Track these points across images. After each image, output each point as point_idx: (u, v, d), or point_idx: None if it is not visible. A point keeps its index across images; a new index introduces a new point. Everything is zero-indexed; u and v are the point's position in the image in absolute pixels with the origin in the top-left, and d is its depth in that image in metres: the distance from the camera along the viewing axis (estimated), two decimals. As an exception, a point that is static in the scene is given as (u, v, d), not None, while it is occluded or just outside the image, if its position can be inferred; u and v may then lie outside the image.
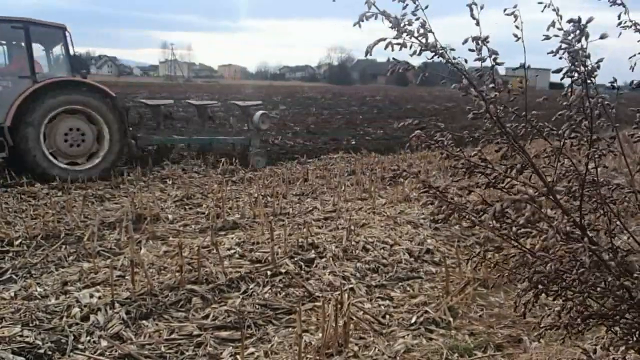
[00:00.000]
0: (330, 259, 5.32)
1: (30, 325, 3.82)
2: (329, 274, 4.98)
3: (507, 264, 2.00)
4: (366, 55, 1.72)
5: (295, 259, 5.29)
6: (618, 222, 1.84)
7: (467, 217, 1.81)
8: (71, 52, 9.83)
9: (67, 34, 9.63)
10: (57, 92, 9.07)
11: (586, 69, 1.62)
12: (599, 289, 1.82)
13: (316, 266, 5.19)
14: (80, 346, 3.65)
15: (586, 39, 1.61)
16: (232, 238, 5.95)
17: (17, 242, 5.65)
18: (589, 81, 1.64)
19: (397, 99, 39.75)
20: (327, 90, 53.59)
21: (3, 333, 3.66)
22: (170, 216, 6.99)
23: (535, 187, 1.72)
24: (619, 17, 1.70)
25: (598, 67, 1.65)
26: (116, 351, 3.56)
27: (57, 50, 10.23)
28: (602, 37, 1.62)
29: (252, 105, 12.97)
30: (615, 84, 1.74)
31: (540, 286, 1.80)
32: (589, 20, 1.62)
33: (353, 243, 5.74)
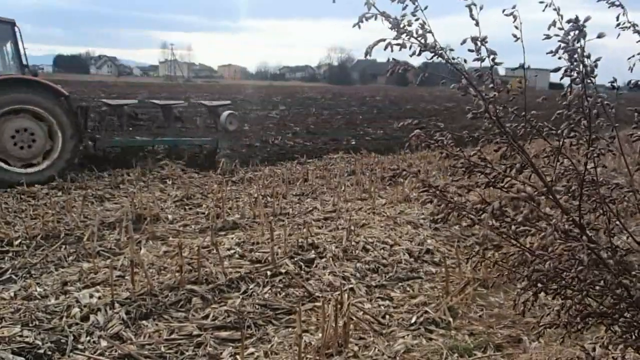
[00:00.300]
0: (330, 259, 5.32)
1: (30, 325, 3.82)
2: (328, 274, 4.98)
3: (506, 263, 2.00)
4: (366, 56, 1.71)
5: (295, 259, 5.30)
6: (617, 222, 1.84)
7: (466, 216, 1.81)
8: (21, 49, 9.22)
9: (16, 29, 9.05)
10: (3, 91, 8.45)
11: (585, 68, 1.62)
12: (597, 287, 1.82)
13: (316, 266, 5.19)
14: (80, 346, 3.65)
15: (583, 38, 1.61)
16: (232, 238, 5.95)
17: (16, 242, 5.65)
18: (587, 81, 1.64)
19: (397, 99, 39.78)
20: (327, 91, 53.62)
21: (3, 333, 3.66)
22: (170, 216, 6.99)
23: (534, 186, 1.73)
24: (618, 18, 1.70)
25: (596, 66, 1.65)
26: (116, 351, 3.57)
27: (11, 47, 9.51)
28: (600, 36, 1.62)
29: (220, 105, 12.46)
30: (615, 84, 1.74)
31: (539, 285, 1.80)
32: (587, 20, 1.62)
33: (353, 243, 5.74)
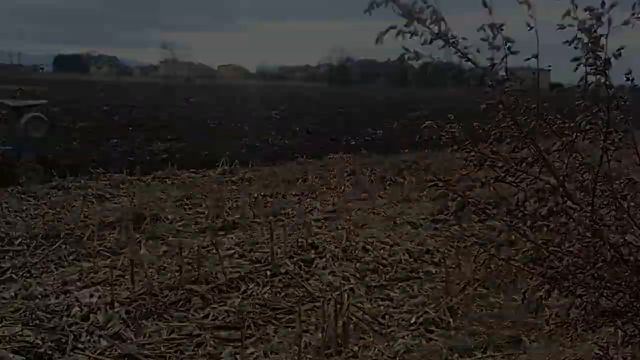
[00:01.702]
0: (330, 259, 5.31)
1: (31, 324, 3.81)
2: (328, 274, 4.98)
3: (516, 261, 1.97)
4: (377, 42, 1.66)
5: (295, 259, 5.29)
6: (630, 219, 1.81)
7: (479, 210, 1.77)
8: None
9: None
10: None
11: (604, 58, 1.58)
12: (614, 285, 1.78)
13: (316, 266, 5.19)
14: (80, 346, 3.64)
15: (609, 24, 1.57)
16: (232, 238, 5.95)
17: (17, 242, 5.63)
18: (607, 71, 1.61)
19: (396, 99, 39.75)
20: (327, 91, 53.57)
21: (3, 332, 3.65)
22: (170, 216, 6.97)
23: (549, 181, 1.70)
24: (633, 7, 1.66)
25: (620, 54, 1.62)
26: (116, 351, 3.56)
27: None
28: (626, 23, 1.58)
29: (28, 105, 10.41)
30: (629, 75, 1.71)
31: (552, 282, 1.77)
32: (613, 5, 1.58)
33: (352, 243, 5.73)
